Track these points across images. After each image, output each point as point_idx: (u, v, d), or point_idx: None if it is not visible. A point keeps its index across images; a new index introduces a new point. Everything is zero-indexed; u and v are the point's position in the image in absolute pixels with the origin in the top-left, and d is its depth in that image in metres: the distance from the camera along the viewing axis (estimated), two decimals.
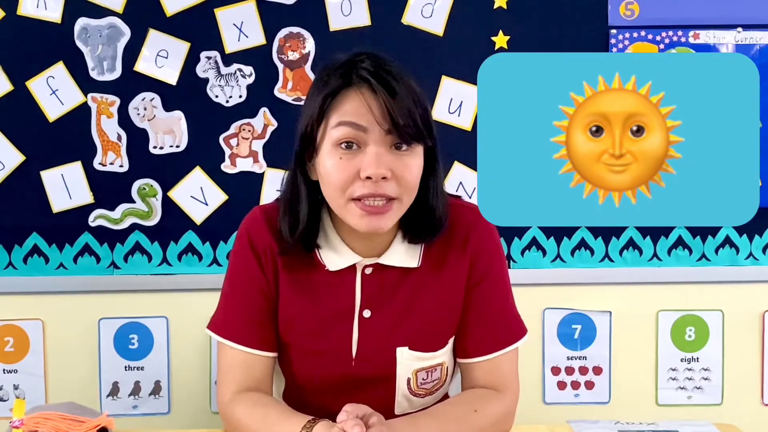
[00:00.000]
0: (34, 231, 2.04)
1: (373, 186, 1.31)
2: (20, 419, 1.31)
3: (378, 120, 1.30)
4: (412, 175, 1.34)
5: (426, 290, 1.44)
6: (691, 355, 2.14)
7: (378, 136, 1.31)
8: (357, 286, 1.43)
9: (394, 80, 1.33)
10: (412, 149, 1.34)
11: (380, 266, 1.43)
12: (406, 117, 1.30)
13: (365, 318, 1.43)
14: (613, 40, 2.04)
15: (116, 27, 2.00)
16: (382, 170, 1.30)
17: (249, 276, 1.45)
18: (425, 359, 1.45)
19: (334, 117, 1.33)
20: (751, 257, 2.11)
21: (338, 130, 1.32)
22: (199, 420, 2.08)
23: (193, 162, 2.04)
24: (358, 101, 1.32)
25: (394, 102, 1.30)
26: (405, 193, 1.34)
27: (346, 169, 1.31)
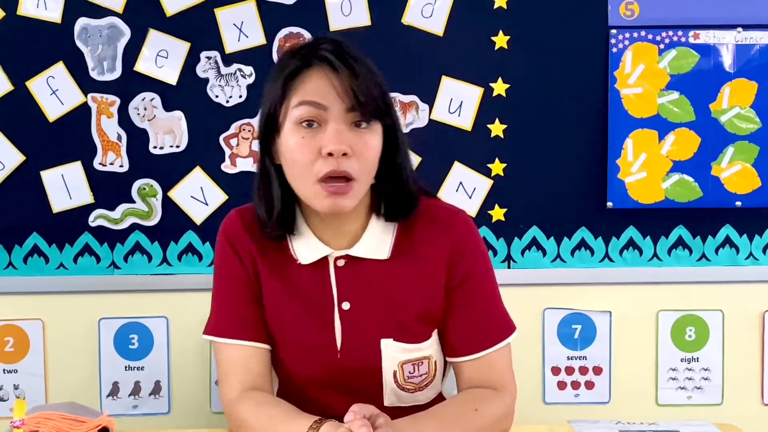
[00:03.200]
0: (34, 231, 2.04)
1: (335, 162, 1.34)
2: (21, 419, 1.31)
3: (340, 97, 1.34)
4: (372, 153, 1.38)
5: (401, 282, 1.46)
6: (691, 355, 2.14)
7: (338, 114, 1.35)
8: (332, 278, 1.45)
9: (353, 60, 1.37)
10: (371, 127, 1.38)
11: (351, 258, 1.45)
12: (366, 95, 1.35)
13: (345, 310, 1.45)
14: (613, 40, 2.04)
15: (116, 27, 2.00)
16: (343, 146, 1.34)
17: (233, 274, 1.49)
18: (410, 351, 1.46)
19: (295, 97, 1.37)
20: (751, 257, 2.11)
21: (299, 109, 1.36)
22: (199, 420, 2.09)
23: (193, 162, 2.04)
24: (318, 80, 1.36)
25: (355, 80, 1.35)
26: (364, 172, 1.38)
27: (308, 147, 1.35)
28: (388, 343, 1.45)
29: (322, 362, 1.46)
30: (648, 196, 2.07)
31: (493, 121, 2.04)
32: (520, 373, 2.11)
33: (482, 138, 2.05)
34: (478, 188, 2.06)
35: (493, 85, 2.04)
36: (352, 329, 1.45)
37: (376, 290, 1.45)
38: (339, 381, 1.46)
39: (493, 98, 2.04)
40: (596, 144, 2.06)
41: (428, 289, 1.47)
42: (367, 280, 1.45)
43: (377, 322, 1.45)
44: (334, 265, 1.46)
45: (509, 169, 2.06)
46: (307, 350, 1.47)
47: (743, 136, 2.06)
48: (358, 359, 1.45)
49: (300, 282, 1.46)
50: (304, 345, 1.47)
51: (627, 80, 2.04)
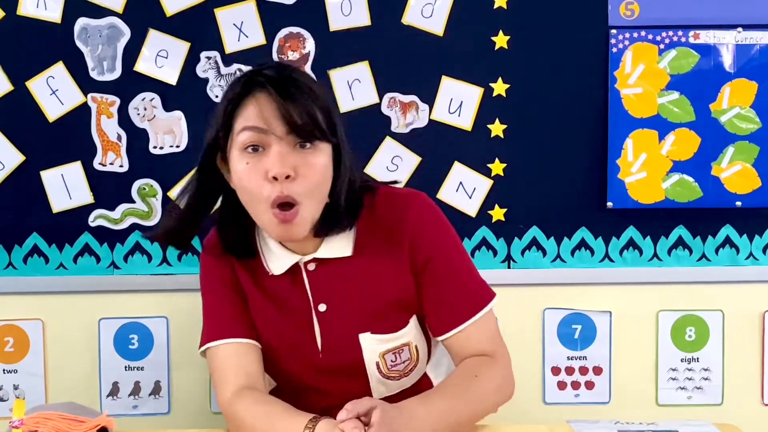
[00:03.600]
0: (34, 231, 2.04)
1: (279, 187, 1.36)
2: (20, 419, 1.31)
3: (279, 120, 1.36)
4: (316, 173, 1.39)
5: (370, 276, 1.49)
6: (691, 355, 2.14)
7: (279, 137, 1.37)
8: (305, 283, 1.50)
9: (291, 83, 1.39)
10: (315, 147, 1.39)
11: (319, 260, 1.49)
12: (303, 116, 1.36)
13: (321, 312, 1.50)
14: (613, 40, 2.04)
15: (116, 27, 2.00)
16: (285, 169, 1.36)
17: (219, 280, 1.53)
18: (389, 341, 1.50)
19: (238, 123, 1.39)
20: (751, 257, 2.11)
21: (242, 135, 1.38)
22: (199, 420, 2.09)
23: (193, 162, 2.03)
24: (258, 105, 1.38)
25: (290, 104, 1.36)
26: (309, 194, 1.39)
27: (254, 171, 1.38)
28: (366, 337, 1.49)
29: (306, 364, 1.51)
30: (648, 196, 2.07)
31: (493, 121, 2.04)
32: (520, 373, 2.11)
33: (482, 138, 2.05)
34: (478, 188, 2.06)
35: (493, 85, 2.04)
36: (330, 329, 1.50)
37: (348, 288, 1.49)
38: (325, 380, 1.51)
39: (493, 98, 2.04)
40: (596, 144, 2.06)
41: (396, 276, 1.50)
42: (338, 280, 1.49)
43: (353, 318, 1.49)
44: (305, 270, 1.50)
45: (509, 169, 2.06)
46: (290, 354, 1.51)
47: (743, 136, 2.06)
48: (339, 357, 1.49)
49: (277, 290, 1.51)
50: (287, 349, 1.51)
51: (627, 80, 2.04)
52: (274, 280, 1.50)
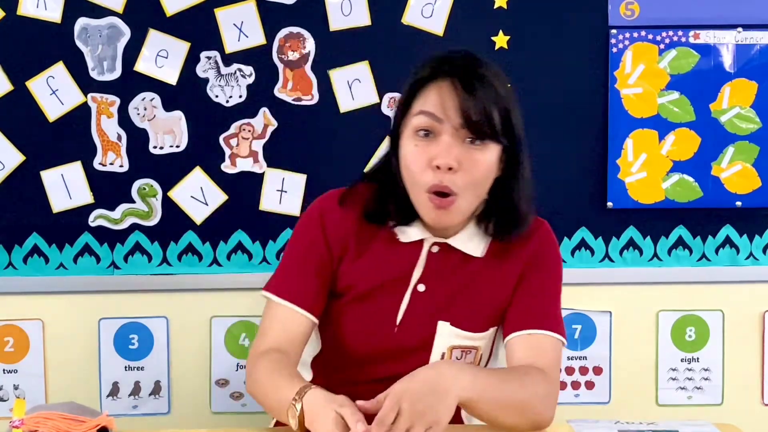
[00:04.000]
0: (34, 231, 2.04)
1: (440, 176, 1.39)
2: (20, 419, 1.31)
3: (455, 113, 1.39)
4: (479, 170, 1.41)
5: (482, 280, 1.51)
6: (691, 355, 2.14)
7: (451, 129, 1.39)
8: (421, 260, 1.51)
9: (477, 78, 1.40)
10: (484, 145, 1.41)
11: (447, 247, 1.50)
12: (480, 115, 1.38)
13: (419, 291, 1.51)
14: (613, 40, 2.04)
15: (116, 27, 2.00)
16: (449, 160, 1.38)
17: (311, 246, 1.52)
18: (463, 338, 1.51)
19: (416, 106, 1.43)
20: (751, 257, 2.11)
21: (417, 119, 1.41)
22: (199, 420, 2.09)
23: (193, 162, 2.04)
24: (439, 93, 1.40)
25: (470, 98, 1.38)
26: (468, 188, 1.41)
27: (420, 156, 1.41)
28: (445, 326, 1.50)
29: (378, 335, 1.51)
30: (648, 196, 2.07)
31: None
32: None
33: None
34: None
35: None
36: (417, 310, 1.50)
37: (456, 280, 1.51)
38: (388, 356, 1.50)
39: None
40: (596, 144, 2.06)
41: (503, 291, 1.52)
42: (452, 271, 1.51)
43: (441, 304, 1.50)
44: (428, 250, 1.51)
45: None
46: (367, 320, 1.51)
47: (743, 136, 2.06)
48: (412, 337, 1.50)
49: (388, 258, 1.51)
50: (366, 314, 1.51)
51: (627, 80, 2.04)
52: (392, 247, 1.51)
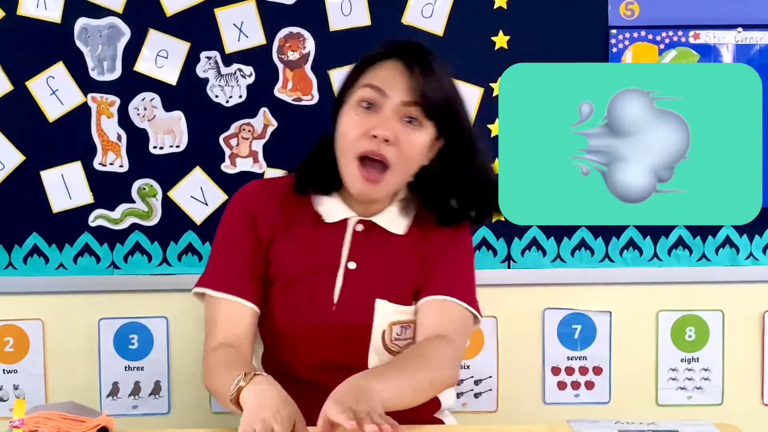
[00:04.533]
0: (34, 231, 2.04)
1: (376, 145, 1.46)
2: (20, 419, 1.31)
3: (401, 90, 1.47)
4: (412, 148, 1.49)
5: (407, 256, 1.57)
6: (691, 355, 2.14)
7: (395, 104, 1.47)
8: (347, 239, 1.56)
9: (427, 65, 1.50)
10: (421, 126, 1.50)
11: (371, 225, 1.57)
12: (424, 96, 1.47)
13: (350, 269, 1.55)
14: (613, 40, 2.04)
15: (116, 27, 2.00)
16: (387, 132, 1.46)
17: (240, 235, 1.57)
18: (401, 313, 1.55)
19: (364, 79, 1.50)
20: (751, 257, 2.11)
21: (364, 91, 1.49)
22: (199, 420, 2.08)
23: (193, 162, 2.04)
24: (389, 70, 1.49)
25: (419, 80, 1.47)
26: (400, 163, 1.49)
27: (359, 125, 1.48)
28: (382, 304, 1.54)
29: (316, 315, 1.53)
30: None
31: (493, 121, 2.04)
32: (520, 373, 2.12)
33: (482, 138, 2.04)
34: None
35: (493, 85, 2.04)
36: (352, 287, 1.54)
37: (384, 258, 1.56)
38: (329, 334, 1.53)
39: (493, 98, 2.04)
40: None
41: (423, 264, 1.57)
42: (379, 248, 1.56)
43: (376, 283, 1.54)
44: (352, 229, 1.56)
45: None
46: (304, 302, 1.54)
47: None
48: (351, 315, 1.53)
49: (316, 239, 1.57)
50: (302, 297, 1.55)
51: None
52: (317, 228, 1.57)
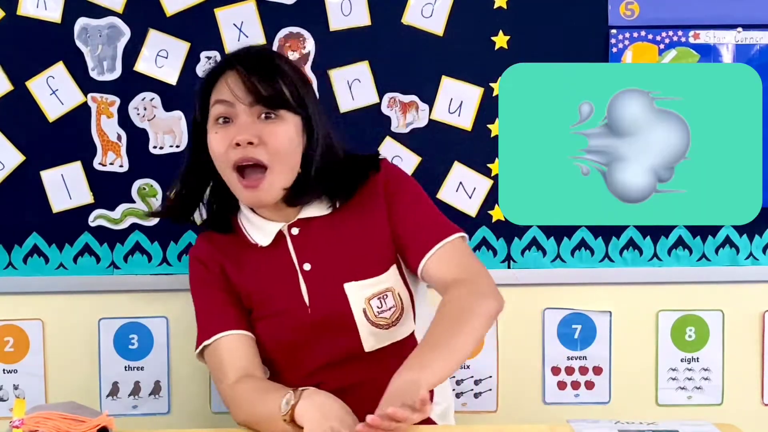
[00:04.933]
0: (34, 231, 2.04)
1: (243, 151, 1.50)
2: (20, 419, 1.31)
3: (243, 93, 1.52)
4: (279, 141, 1.52)
5: (350, 228, 1.59)
6: (691, 355, 2.14)
7: (244, 109, 1.52)
8: (290, 247, 1.60)
9: (257, 59, 1.56)
10: (280, 118, 1.53)
11: (302, 222, 1.60)
12: (266, 87, 1.51)
13: (306, 271, 1.58)
14: (613, 40, 2.04)
15: (116, 27, 2.00)
16: (247, 136, 1.50)
17: (207, 282, 1.63)
18: (372, 286, 1.56)
19: (212, 97, 1.56)
20: (751, 257, 2.11)
21: (214, 108, 1.55)
22: (199, 420, 2.08)
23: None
24: (227, 81, 1.54)
25: (254, 76, 1.51)
26: (274, 159, 1.52)
27: (222, 140, 1.53)
28: (351, 285, 1.56)
29: (296, 323, 1.57)
30: None
31: (493, 121, 2.04)
32: (520, 373, 2.12)
33: (482, 138, 2.05)
34: (478, 188, 2.06)
35: (493, 85, 2.04)
36: (316, 284, 1.57)
37: (330, 244, 1.59)
38: (317, 335, 1.56)
39: (493, 98, 2.04)
40: None
41: (374, 225, 1.59)
42: (321, 238, 1.60)
43: (337, 270, 1.57)
44: (289, 235, 1.60)
45: None
46: (279, 317, 1.58)
47: None
48: (327, 308, 1.56)
49: (264, 261, 1.61)
50: (277, 314, 1.58)
51: None
52: (260, 252, 1.61)
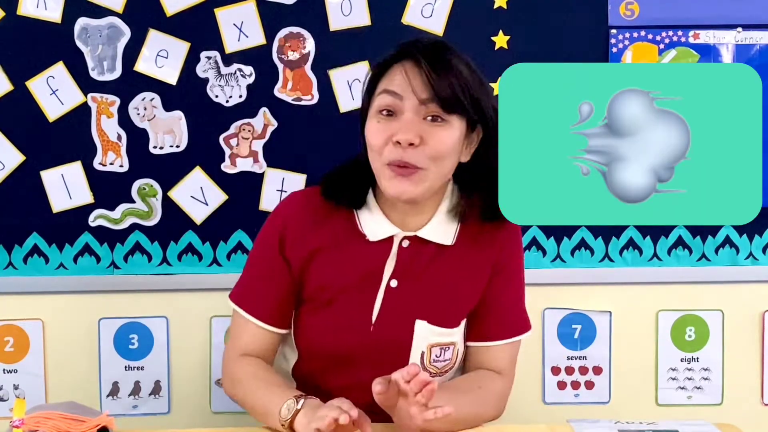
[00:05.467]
0: (34, 231, 2.04)
1: (402, 152, 1.41)
2: (21, 419, 1.31)
3: (416, 89, 1.42)
4: (442, 145, 1.43)
5: (456, 268, 1.53)
6: (691, 355, 2.14)
7: (413, 105, 1.42)
8: (392, 256, 1.52)
9: (439, 58, 1.44)
10: (447, 123, 1.44)
11: (417, 239, 1.51)
12: (441, 88, 1.41)
13: (392, 287, 1.51)
14: (613, 40, 2.04)
15: (116, 27, 2.00)
16: (410, 135, 1.40)
17: (270, 257, 1.55)
18: (441, 335, 1.52)
19: (380, 86, 1.47)
20: (751, 257, 2.11)
21: (380, 98, 1.45)
22: (199, 420, 2.09)
23: (193, 162, 2.04)
24: (401, 73, 1.44)
25: (433, 74, 1.41)
26: (432, 163, 1.43)
27: (382, 133, 1.43)
28: (422, 325, 1.51)
29: (353, 335, 1.51)
30: None
31: None
32: (520, 373, 2.11)
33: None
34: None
35: (493, 85, 2.04)
36: (392, 306, 1.51)
37: (429, 273, 1.52)
38: (366, 355, 1.51)
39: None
40: None
41: (475, 279, 1.54)
42: (425, 263, 1.52)
43: (417, 303, 1.51)
44: (398, 245, 1.52)
45: None
46: (341, 321, 1.52)
47: None
48: (389, 335, 1.51)
49: (359, 257, 1.52)
50: (340, 316, 1.52)
51: None
52: (362, 245, 1.52)
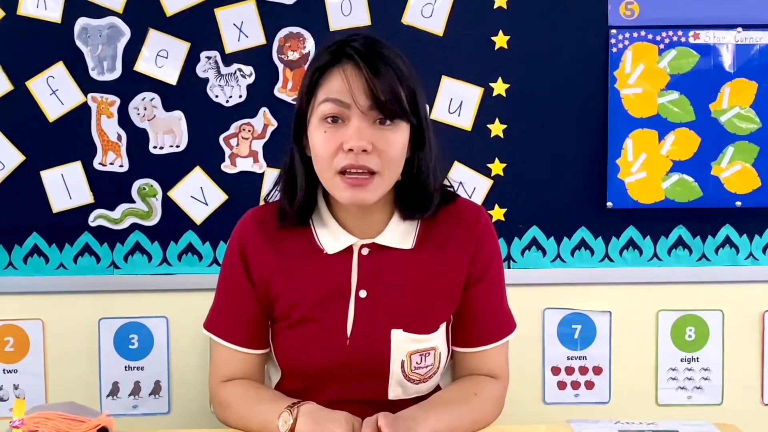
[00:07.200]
0: (34, 231, 2.04)
1: (355, 158, 1.38)
2: (20, 419, 1.31)
3: (362, 95, 1.38)
4: (393, 150, 1.41)
5: (422, 272, 1.50)
6: (691, 355, 2.14)
7: (360, 112, 1.38)
8: (354, 266, 1.48)
9: (380, 59, 1.40)
10: (395, 125, 1.41)
11: (376, 246, 1.49)
12: (387, 94, 1.38)
13: (361, 298, 1.48)
14: (613, 40, 2.04)
15: (116, 27, 2.00)
16: (362, 143, 1.37)
17: (235, 281, 1.53)
18: (419, 341, 1.49)
19: (321, 93, 1.41)
20: (751, 257, 2.11)
21: (324, 106, 1.40)
22: (199, 420, 2.08)
23: (193, 162, 2.04)
24: (343, 78, 1.39)
25: (376, 79, 1.37)
26: (386, 167, 1.41)
27: (330, 142, 1.39)
28: (398, 334, 1.48)
29: (330, 350, 1.48)
30: (648, 196, 2.07)
31: (493, 121, 2.04)
32: (521, 373, 2.12)
33: (482, 138, 2.05)
34: (478, 188, 2.06)
35: (493, 85, 2.04)
36: (365, 318, 1.48)
37: (396, 280, 1.49)
38: (345, 370, 1.48)
39: (493, 98, 2.04)
40: (596, 144, 2.06)
41: (448, 283, 1.51)
42: (389, 270, 1.49)
43: (390, 311, 1.48)
44: (358, 254, 1.49)
45: (509, 169, 2.06)
46: (316, 338, 1.49)
47: (743, 136, 2.06)
48: (366, 348, 1.47)
49: (321, 270, 1.49)
50: (314, 332, 1.49)
51: (627, 80, 2.04)
52: (321, 259, 1.49)
